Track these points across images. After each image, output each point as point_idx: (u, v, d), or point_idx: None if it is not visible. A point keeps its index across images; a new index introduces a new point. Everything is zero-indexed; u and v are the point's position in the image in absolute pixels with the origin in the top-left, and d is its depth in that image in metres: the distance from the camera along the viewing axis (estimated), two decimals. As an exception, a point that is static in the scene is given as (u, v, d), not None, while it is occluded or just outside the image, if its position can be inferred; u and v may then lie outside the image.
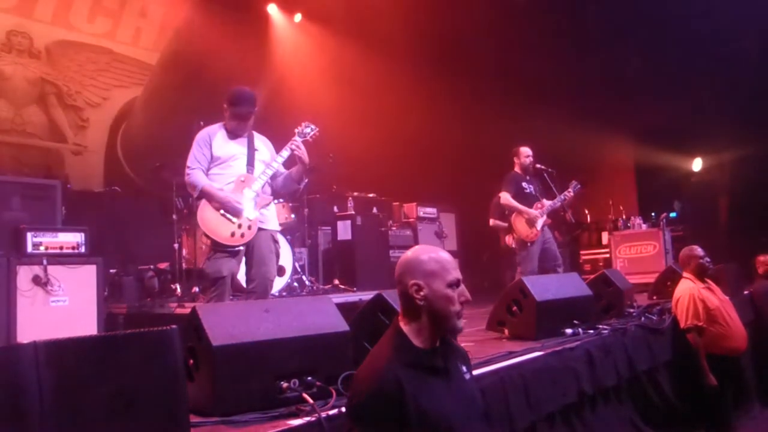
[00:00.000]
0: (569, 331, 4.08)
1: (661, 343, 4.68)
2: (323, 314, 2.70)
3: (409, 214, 8.52)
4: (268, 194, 4.09)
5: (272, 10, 10.11)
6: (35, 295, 4.10)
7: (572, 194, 6.30)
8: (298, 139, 4.04)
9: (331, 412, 2.27)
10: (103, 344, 1.92)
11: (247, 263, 4.06)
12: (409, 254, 2.00)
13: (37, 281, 4.11)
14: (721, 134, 8.99)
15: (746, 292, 6.22)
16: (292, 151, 4.02)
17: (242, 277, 4.21)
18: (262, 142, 4.22)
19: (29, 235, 4.18)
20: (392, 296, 2.89)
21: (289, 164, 4.18)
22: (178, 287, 6.04)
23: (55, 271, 4.19)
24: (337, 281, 6.92)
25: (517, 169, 6.41)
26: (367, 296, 4.26)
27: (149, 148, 8.17)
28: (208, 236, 3.93)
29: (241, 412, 2.31)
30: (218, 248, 3.90)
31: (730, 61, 8.63)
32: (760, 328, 5.78)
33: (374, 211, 7.81)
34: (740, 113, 9.08)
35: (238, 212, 3.89)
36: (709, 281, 4.92)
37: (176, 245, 6.18)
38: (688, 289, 4.77)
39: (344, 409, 2.04)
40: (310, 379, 2.43)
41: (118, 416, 1.80)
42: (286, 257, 6.30)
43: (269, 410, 2.34)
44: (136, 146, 8.51)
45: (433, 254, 1.96)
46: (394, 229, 7.82)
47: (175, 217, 6.20)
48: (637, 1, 8.84)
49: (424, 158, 9.68)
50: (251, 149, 4.07)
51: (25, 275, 4.07)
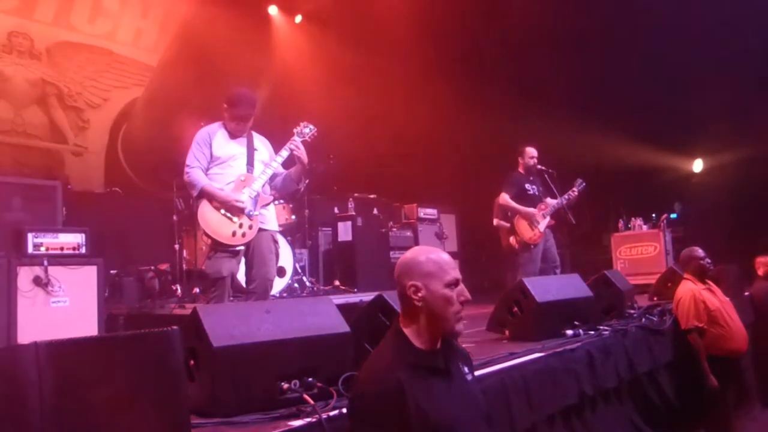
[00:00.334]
0: (570, 332, 4.08)
1: (661, 344, 4.67)
2: (324, 315, 2.70)
3: (409, 215, 8.51)
4: (268, 194, 4.09)
5: (273, 11, 10.14)
6: (36, 295, 4.09)
7: (576, 193, 6.24)
8: (297, 139, 4.05)
9: (331, 413, 2.27)
10: (103, 345, 1.92)
11: (247, 264, 4.05)
12: (407, 255, 2.00)
13: (37, 282, 4.10)
14: (721, 135, 8.99)
15: (746, 293, 6.21)
16: (291, 151, 4.02)
17: (242, 277, 4.21)
18: (261, 142, 4.23)
19: (30, 235, 4.17)
20: (393, 297, 2.88)
21: (288, 164, 4.18)
22: (178, 288, 6.05)
23: (55, 271, 4.18)
24: (337, 282, 6.91)
25: (520, 169, 6.35)
26: (367, 297, 4.27)
27: (150, 149, 8.18)
28: (208, 236, 3.93)
29: (241, 413, 2.32)
30: (218, 248, 3.90)
31: (731, 60, 8.62)
32: (760, 329, 5.77)
33: (375, 212, 7.80)
34: (741, 114, 9.08)
35: (239, 211, 3.89)
36: (709, 282, 4.91)
37: (177, 246, 6.19)
38: (688, 290, 4.77)
39: (345, 410, 2.04)
40: (310, 380, 2.43)
41: (118, 417, 1.80)
42: (286, 258, 6.30)
43: (270, 411, 2.34)
44: (136, 147, 8.51)
45: (431, 255, 1.96)
46: (394, 230, 7.81)
47: (175, 218, 6.21)
48: (637, 1, 8.85)
49: (424, 159, 9.68)
50: (251, 149, 4.08)
51: (25, 276, 4.07)
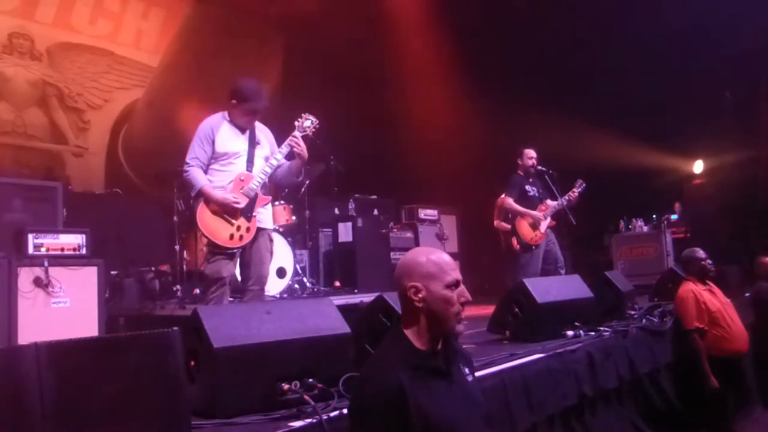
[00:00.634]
0: (570, 333, 4.08)
1: (662, 345, 4.67)
2: (324, 316, 2.70)
3: (409, 216, 8.51)
4: (266, 194, 4.08)
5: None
6: (36, 296, 4.09)
7: (577, 194, 6.24)
8: (297, 134, 3.98)
9: (332, 414, 2.27)
10: (104, 346, 1.93)
11: (244, 263, 4.05)
12: (407, 256, 2.00)
13: (38, 283, 4.10)
14: (722, 136, 8.98)
15: (747, 294, 6.21)
16: (291, 147, 3.98)
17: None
18: (263, 134, 4.16)
19: (30, 236, 4.17)
20: (393, 298, 2.89)
21: (289, 156, 4.13)
22: (179, 289, 6.04)
23: (56, 272, 4.17)
24: (338, 283, 6.91)
25: (520, 171, 6.37)
26: (368, 298, 4.27)
27: (150, 150, 8.18)
28: (206, 237, 3.93)
29: (242, 413, 2.32)
30: (216, 250, 3.90)
31: (732, 61, 8.62)
32: (761, 330, 5.76)
33: (375, 212, 7.80)
34: (742, 115, 9.08)
35: (236, 214, 3.87)
36: (710, 283, 4.91)
37: (177, 247, 6.18)
38: (689, 291, 4.76)
39: (346, 411, 2.04)
40: (311, 380, 2.43)
41: (119, 418, 1.81)
42: (287, 259, 6.30)
43: (270, 412, 2.34)
44: (137, 148, 8.51)
45: (431, 256, 1.95)
46: (395, 230, 7.80)
47: (176, 218, 6.20)
48: (637, 1, 8.85)
49: (424, 160, 9.67)
50: (252, 146, 4.03)
51: (26, 277, 4.06)
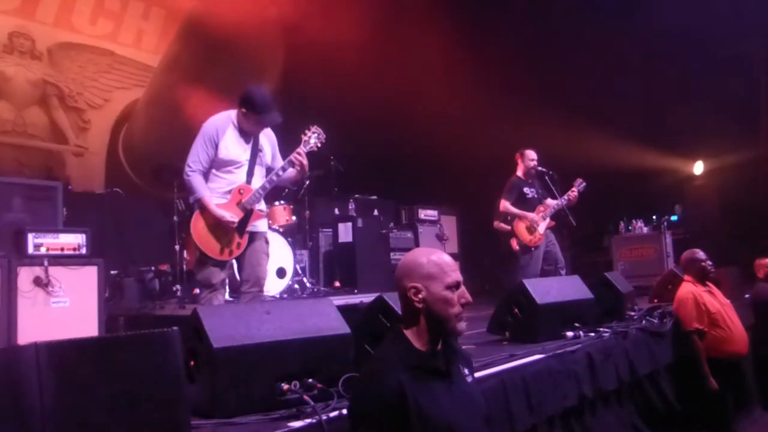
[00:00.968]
0: (570, 333, 4.08)
1: (662, 346, 4.67)
2: (324, 316, 2.70)
3: (409, 216, 8.51)
4: (262, 209, 4.09)
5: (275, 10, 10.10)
6: (36, 296, 4.09)
7: (576, 193, 6.22)
8: (302, 150, 3.88)
9: (332, 414, 2.27)
10: (104, 346, 1.93)
11: (240, 266, 4.09)
12: (408, 257, 2.00)
13: (38, 282, 4.09)
14: (722, 137, 8.99)
15: (747, 295, 6.21)
16: (293, 165, 3.90)
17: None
18: (267, 138, 4.12)
19: (30, 236, 4.17)
20: (393, 298, 2.89)
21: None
22: (179, 289, 6.04)
23: (56, 272, 4.17)
24: (338, 283, 6.90)
25: (519, 172, 6.35)
26: (368, 298, 4.28)
27: (151, 150, 8.18)
28: (197, 249, 3.94)
29: (241, 413, 2.32)
30: (206, 259, 3.91)
31: (732, 63, 8.63)
32: (761, 331, 5.76)
33: (375, 213, 7.80)
34: (742, 116, 9.08)
35: (230, 230, 3.88)
36: (710, 284, 4.91)
37: (177, 247, 6.18)
38: (689, 292, 4.77)
39: (345, 411, 2.04)
40: (310, 381, 2.43)
41: (119, 418, 1.81)
42: (287, 259, 6.30)
43: (270, 412, 2.34)
44: (137, 148, 8.52)
45: (431, 256, 1.95)
46: (395, 231, 7.80)
47: (176, 218, 6.21)
48: (638, 3, 8.85)
49: (424, 160, 9.67)
50: (255, 155, 4.00)
51: (26, 276, 4.06)
